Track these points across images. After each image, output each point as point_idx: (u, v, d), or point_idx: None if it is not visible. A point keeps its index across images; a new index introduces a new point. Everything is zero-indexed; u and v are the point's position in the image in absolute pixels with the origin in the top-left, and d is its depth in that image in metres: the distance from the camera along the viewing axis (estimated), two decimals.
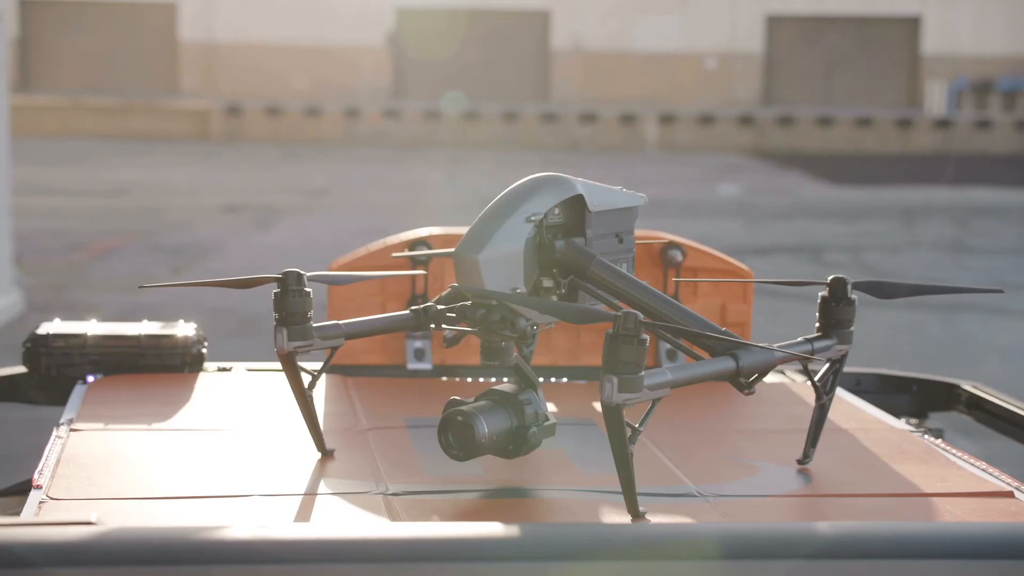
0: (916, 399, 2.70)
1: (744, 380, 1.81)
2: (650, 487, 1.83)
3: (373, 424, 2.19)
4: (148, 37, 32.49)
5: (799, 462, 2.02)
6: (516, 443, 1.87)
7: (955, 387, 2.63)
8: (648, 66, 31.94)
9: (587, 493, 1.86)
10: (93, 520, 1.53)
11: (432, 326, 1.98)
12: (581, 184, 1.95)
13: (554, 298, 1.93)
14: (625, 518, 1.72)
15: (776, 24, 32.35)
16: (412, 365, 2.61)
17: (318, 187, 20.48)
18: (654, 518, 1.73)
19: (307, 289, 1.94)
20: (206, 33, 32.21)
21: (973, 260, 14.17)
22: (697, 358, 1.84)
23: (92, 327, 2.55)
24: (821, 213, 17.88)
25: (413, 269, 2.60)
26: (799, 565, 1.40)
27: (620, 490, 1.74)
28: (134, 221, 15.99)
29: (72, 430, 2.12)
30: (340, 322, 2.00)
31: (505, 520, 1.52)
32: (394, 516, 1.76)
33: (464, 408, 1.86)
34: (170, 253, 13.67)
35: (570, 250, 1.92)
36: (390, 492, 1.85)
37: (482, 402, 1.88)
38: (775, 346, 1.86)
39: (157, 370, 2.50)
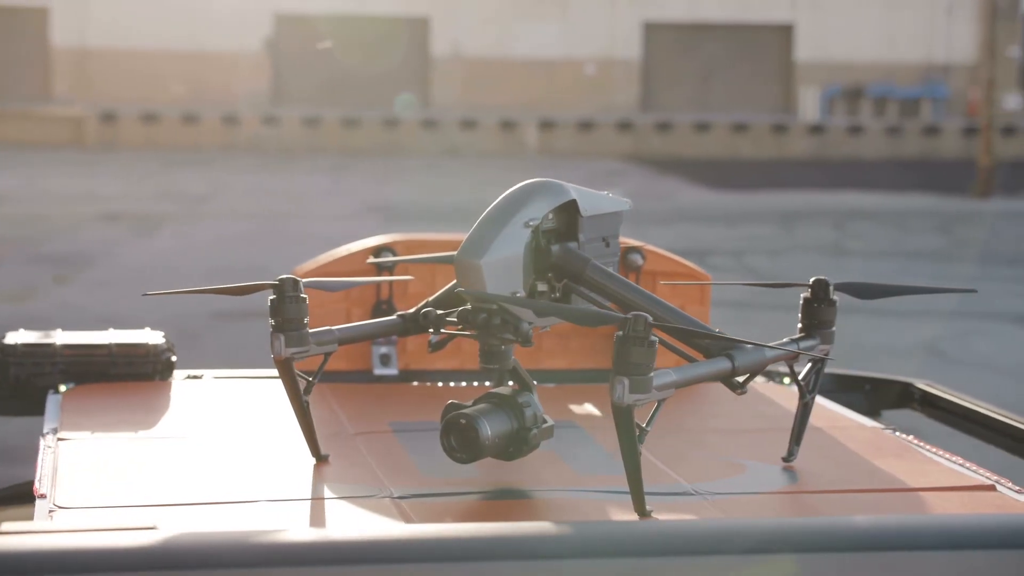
0: (869, 398, 2.76)
1: (736, 380, 1.86)
2: (648, 487, 1.86)
3: (360, 429, 2.20)
4: (20, 42, 31.85)
5: (784, 460, 2.06)
6: (516, 445, 1.90)
7: (908, 385, 2.69)
8: (528, 72, 32.08)
9: (588, 493, 1.89)
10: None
11: (431, 330, 2.00)
12: (573, 190, 1.99)
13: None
14: (631, 517, 1.75)
15: (654, 31, 32.70)
16: (379, 371, 2.61)
17: (198, 194, 20.25)
18: (660, 516, 1.76)
19: (303, 295, 1.94)
20: (79, 38, 31.66)
21: (852, 263, 14.47)
22: (688, 359, 1.88)
23: (59, 336, 2.52)
24: (703, 217, 18.12)
25: (379, 275, 2.59)
26: (811, 558, 1.46)
27: (620, 490, 1.78)
28: (13, 229, 15.68)
29: (60, 439, 2.11)
30: (333, 328, 2.01)
31: (520, 520, 1.55)
32: (408, 519, 1.78)
33: (467, 411, 1.87)
34: (52, 262, 13.44)
35: (565, 254, 1.96)
36: (396, 496, 1.86)
37: (482, 405, 1.90)
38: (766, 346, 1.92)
39: (128, 378, 2.48)
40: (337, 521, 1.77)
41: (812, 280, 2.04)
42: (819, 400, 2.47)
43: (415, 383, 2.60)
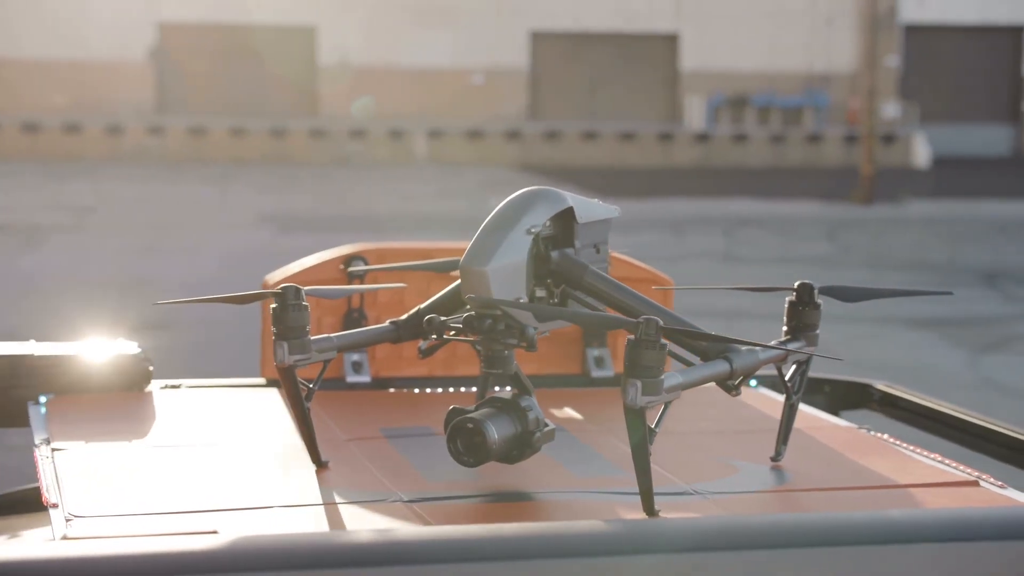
0: (829, 399, 2.79)
1: (731, 382, 1.90)
2: (659, 487, 1.88)
3: (351, 436, 2.20)
4: None
5: (773, 459, 2.10)
6: (520, 448, 1.92)
7: (868, 386, 2.73)
8: (416, 81, 32.07)
9: (594, 495, 1.92)
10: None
11: (434, 336, 2.01)
12: (570, 197, 2.02)
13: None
14: (640, 516, 1.78)
15: (540, 40, 32.89)
16: (351, 378, 2.61)
17: (84, 205, 19.94)
18: (667, 516, 1.78)
19: (304, 303, 1.95)
20: None
21: (743, 269, 14.68)
22: (686, 363, 1.91)
23: (33, 347, 2.51)
24: None
25: (350, 282, 2.60)
26: (828, 552, 1.51)
27: (623, 491, 1.81)
28: None
29: (55, 450, 2.09)
30: (332, 335, 2.02)
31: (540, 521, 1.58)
32: (425, 522, 1.79)
33: (474, 415, 1.89)
34: None
35: (564, 261, 2.00)
36: (406, 500, 1.87)
37: (487, 409, 1.92)
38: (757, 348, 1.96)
39: (107, 389, 2.47)
40: (359, 524, 1.78)
41: (797, 284, 2.10)
42: (802, 407, 2.51)
43: (391, 390, 2.61)
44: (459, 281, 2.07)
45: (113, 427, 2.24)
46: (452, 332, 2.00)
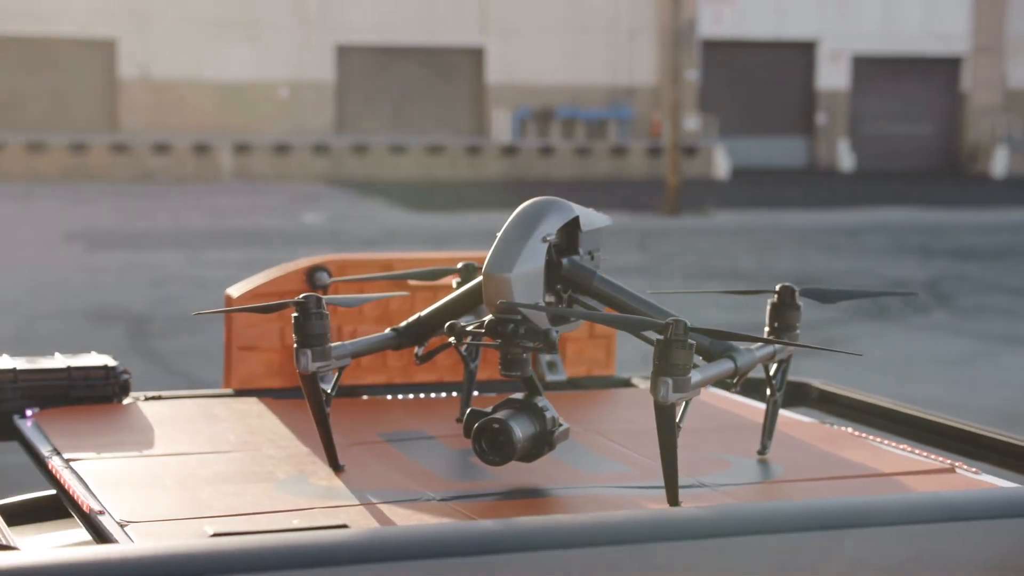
0: (759, 400, 2.89)
1: (730, 380, 2.01)
2: (656, 482, 1.93)
3: (353, 440, 2.23)
4: None
5: (759, 453, 2.20)
6: (539, 446, 1.98)
7: (805, 385, 2.82)
8: (220, 95, 31.66)
9: (610, 489, 1.98)
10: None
11: (452, 340, 2.07)
12: (576, 207, 2.10)
13: None
14: (662, 507, 1.85)
15: (346, 53, 32.79)
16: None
17: None
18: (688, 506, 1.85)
19: (325, 312, 1.99)
20: None
21: None
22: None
23: (16, 362, 2.50)
24: (410, 239, 18.29)
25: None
26: (854, 533, 1.62)
27: (639, 484, 1.90)
28: None
29: (69, 460, 2.10)
30: (346, 343, 2.07)
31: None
32: (469, 518, 1.82)
33: (499, 416, 1.95)
34: None
35: (574, 267, 2.09)
36: (438, 499, 1.92)
37: (508, 410, 1.97)
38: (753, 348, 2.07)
39: (88, 401, 2.49)
40: (412, 521, 1.81)
41: (779, 286, 2.20)
42: (749, 402, 2.61)
43: (365, 396, 2.66)
44: (463, 289, 2.13)
45: (116, 438, 2.27)
46: (440, 337, 2.07)
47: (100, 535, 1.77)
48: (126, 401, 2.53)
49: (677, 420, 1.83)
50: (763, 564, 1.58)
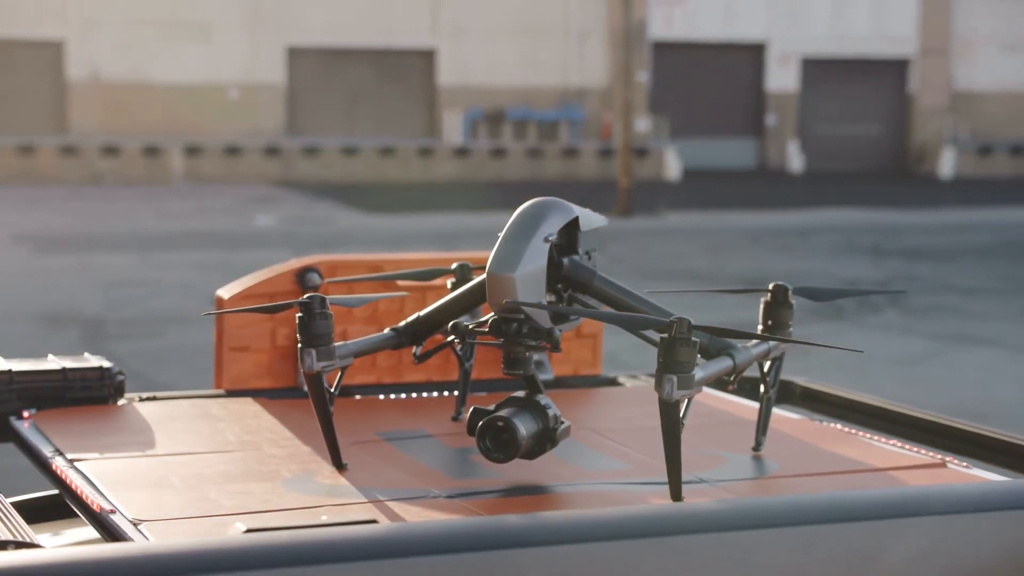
0: (750, 396, 2.91)
1: (727, 377, 2.04)
2: (662, 478, 1.95)
3: (352, 440, 2.24)
4: None
5: (754, 449, 2.23)
6: (542, 444, 2.00)
7: (789, 383, 2.85)
8: (170, 97, 31.46)
9: (612, 485, 2.01)
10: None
11: (456, 339, 2.10)
12: (575, 207, 2.12)
13: None
14: (665, 502, 1.87)
15: (297, 55, 32.68)
16: None
17: None
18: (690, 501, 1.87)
19: (329, 312, 2.00)
20: None
21: None
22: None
23: (11, 363, 2.49)
24: (366, 240, 18.25)
25: (304, 295, 2.65)
26: (848, 527, 1.65)
27: (639, 480, 1.92)
28: None
29: (73, 460, 2.10)
30: (348, 343, 2.09)
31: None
32: (477, 515, 1.83)
33: (503, 414, 1.97)
34: None
35: (574, 267, 2.12)
36: (444, 496, 1.94)
37: (511, 408, 1.99)
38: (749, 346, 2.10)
39: (84, 402, 2.49)
40: (423, 518, 1.83)
41: (772, 285, 2.24)
42: (739, 399, 2.64)
43: (357, 396, 2.66)
44: (462, 289, 2.15)
45: (117, 438, 2.27)
46: (443, 337, 2.10)
47: (112, 534, 1.78)
48: (120, 402, 2.54)
49: (681, 416, 1.85)
50: (771, 557, 1.61)
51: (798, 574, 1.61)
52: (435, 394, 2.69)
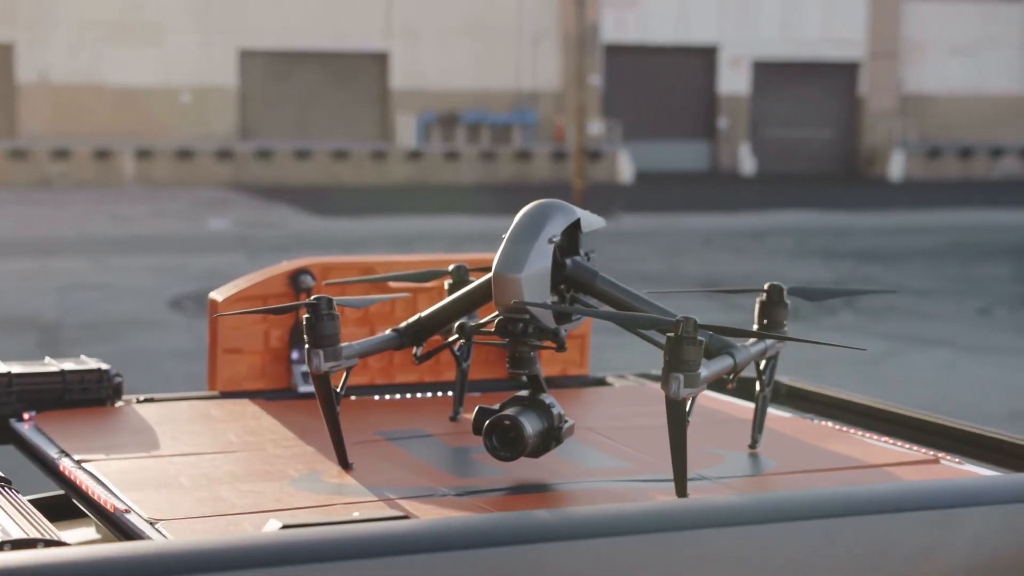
0: (737, 395, 2.94)
1: (726, 376, 2.07)
2: (663, 474, 1.98)
3: (354, 440, 2.25)
4: None
5: (750, 447, 2.26)
6: (546, 442, 2.02)
7: (775, 382, 2.85)
8: (122, 100, 31.25)
9: (616, 483, 2.03)
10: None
11: (461, 340, 2.13)
12: (576, 209, 2.14)
13: None
14: (670, 499, 1.88)
15: (249, 58, 32.54)
16: (303, 388, 2.69)
17: None
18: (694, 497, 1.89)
19: (335, 313, 2.02)
20: None
21: None
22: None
23: (10, 366, 2.49)
24: (320, 244, 18.20)
25: (297, 297, 2.69)
26: (850, 521, 1.68)
27: (642, 478, 1.96)
28: None
29: (80, 461, 2.11)
30: (353, 343, 2.10)
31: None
32: (486, 511, 1.85)
33: (509, 413, 1.99)
34: None
35: (577, 268, 2.14)
36: (452, 494, 1.95)
37: (516, 407, 2.01)
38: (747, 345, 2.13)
39: (83, 404, 2.49)
40: (433, 516, 1.84)
41: (767, 285, 2.28)
42: (730, 399, 2.67)
43: (353, 397, 2.68)
44: (464, 291, 2.16)
45: (121, 439, 2.28)
46: (443, 336, 2.13)
47: (126, 534, 1.78)
48: (118, 404, 2.55)
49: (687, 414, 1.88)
50: (794, 550, 1.64)
51: (821, 566, 1.64)
52: (429, 394, 2.71)
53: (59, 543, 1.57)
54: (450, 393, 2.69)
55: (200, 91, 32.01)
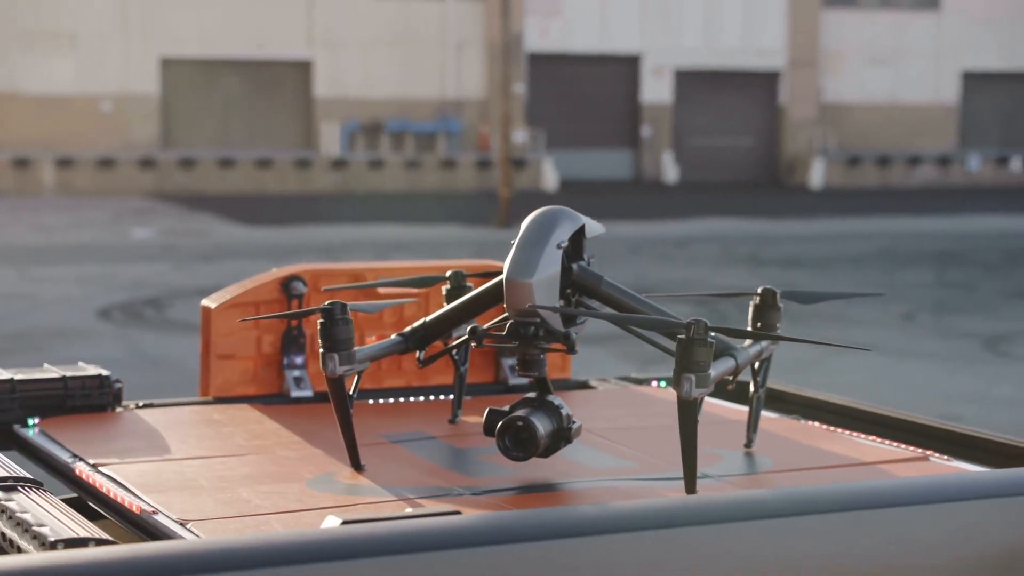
0: (716, 396, 2.98)
1: (727, 377, 2.11)
2: (667, 473, 2.01)
3: (360, 442, 2.26)
4: None
5: (746, 446, 2.30)
6: (556, 442, 2.05)
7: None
8: (40, 108, 30.88)
9: (624, 481, 2.07)
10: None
11: (472, 344, 2.14)
12: (580, 215, 2.18)
13: None
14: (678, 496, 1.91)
15: (170, 66, 32.28)
16: (295, 393, 2.70)
17: None
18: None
19: (349, 318, 2.05)
20: None
21: None
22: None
23: (13, 372, 2.50)
24: (246, 253, 18.10)
25: (289, 303, 2.72)
26: (851, 516, 1.73)
27: (648, 477, 2.00)
28: None
29: (96, 466, 2.12)
30: (363, 348, 2.13)
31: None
32: (506, 510, 1.86)
33: (521, 414, 2.02)
34: None
35: (583, 272, 2.17)
36: (470, 493, 1.98)
37: (527, 408, 2.05)
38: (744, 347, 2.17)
39: (84, 410, 2.51)
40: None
41: (761, 289, 2.32)
42: (720, 401, 2.71)
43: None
44: (469, 296, 2.18)
45: (131, 443, 2.30)
46: (452, 340, 2.18)
47: (153, 535, 1.80)
48: (118, 409, 2.56)
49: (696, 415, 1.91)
50: (816, 543, 1.68)
51: (842, 559, 1.68)
52: (422, 398, 2.73)
53: (110, 541, 1.59)
54: (442, 396, 2.72)
55: (121, 99, 31.71)
